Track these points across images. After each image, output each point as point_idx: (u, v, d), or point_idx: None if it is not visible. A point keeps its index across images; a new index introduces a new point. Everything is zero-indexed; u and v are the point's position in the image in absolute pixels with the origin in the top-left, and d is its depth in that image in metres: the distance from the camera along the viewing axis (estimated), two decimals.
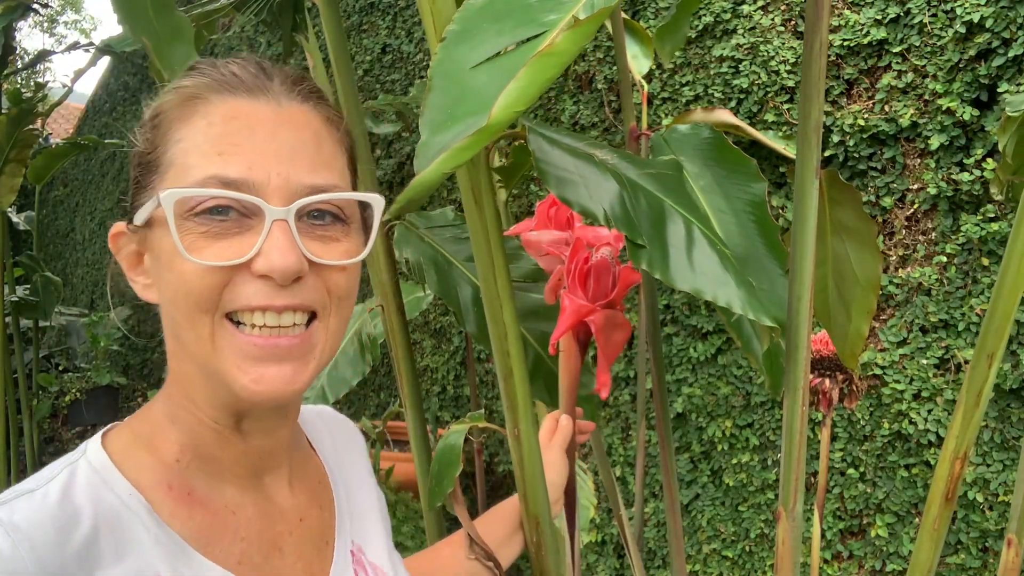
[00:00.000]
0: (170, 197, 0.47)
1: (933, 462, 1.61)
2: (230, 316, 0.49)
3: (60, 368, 4.97)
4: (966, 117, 1.51)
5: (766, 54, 1.78)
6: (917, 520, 1.67)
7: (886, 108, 1.63)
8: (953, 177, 1.55)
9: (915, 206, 1.63)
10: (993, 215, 1.51)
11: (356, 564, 0.62)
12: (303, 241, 0.50)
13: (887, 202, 1.64)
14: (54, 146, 3.00)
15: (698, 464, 1.99)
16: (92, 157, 5.73)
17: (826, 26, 0.55)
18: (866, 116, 1.65)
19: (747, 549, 1.92)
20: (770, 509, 1.87)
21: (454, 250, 0.87)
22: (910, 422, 1.63)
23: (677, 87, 1.94)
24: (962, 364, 1.58)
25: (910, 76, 1.59)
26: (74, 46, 2.78)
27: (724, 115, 1.55)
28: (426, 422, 0.98)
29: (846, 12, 1.67)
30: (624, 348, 2.13)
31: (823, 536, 1.76)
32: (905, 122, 1.59)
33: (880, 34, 1.61)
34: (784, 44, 1.77)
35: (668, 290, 2.01)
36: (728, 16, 1.84)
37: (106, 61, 5.32)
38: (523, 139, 0.64)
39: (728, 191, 0.70)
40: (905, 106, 1.60)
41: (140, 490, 0.50)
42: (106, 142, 2.89)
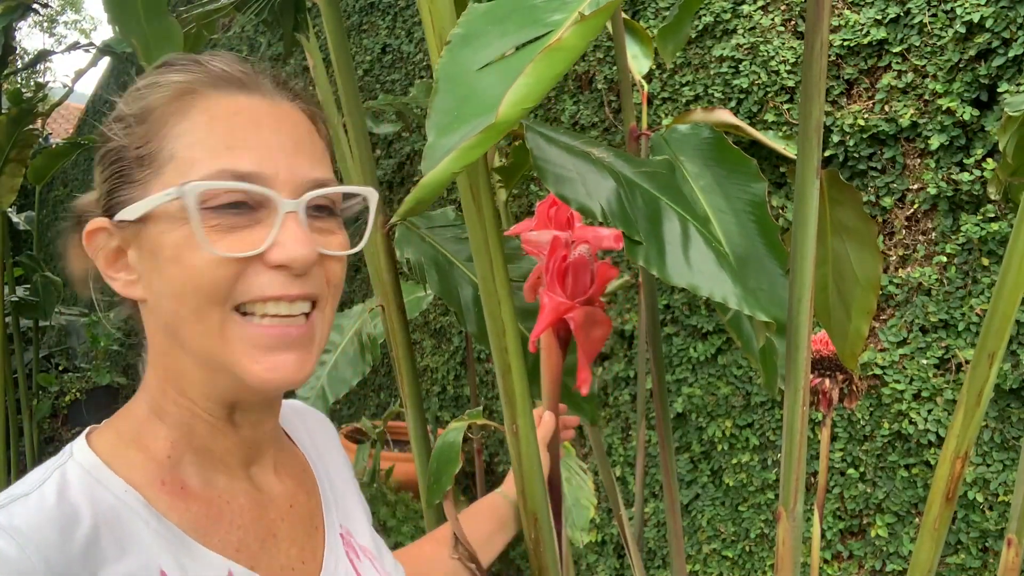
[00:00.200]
0: (194, 190, 0.48)
1: (933, 462, 1.62)
2: (237, 308, 0.50)
3: (60, 368, 4.97)
4: (966, 117, 1.51)
5: (766, 54, 1.78)
6: (917, 520, 1.67)
7: (886, 108, 1.63)
8: (953, 177, 1.55)
9: (915, 206, 1.63)
10: (993, 215, 1.51)
11: (347, 547, 0.63)
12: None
13: (887, 202, 1.64)
14: (54, 146, 3.00)
15: (698, 464, 1.99)
16: (92, 157, 5.72)
17: (827, 26, 0.55)
18: (866, 116, 1.65)
19: (747, 549, 1.92)
20: (770, 509, 1.87)
21: (455, 250, 0.87)
22: (910, 422, 1.63)
23: (677, 87, 1.94)
24: (962, 364, 1.58)
25: (910, 76, 1.59)
26: (74, 46, 2.78)
27: (724, 115, 1.55)
28: (426, 422, 0.98)
29: (846, 12, 1.67)
30: (608, 345, 2.13)
31: (823, 536, 1.76)
32: (905, 122, 1.59)
33: (880, 34, 1.61)
34: (784, 44, 1.77)
35: (668, 290, 2.01)
36: (728, 16, 1.84)
37: (106, 61, 5.32)
38: (522, 138, 0.65)
39: (728, 191, 0.70)
40: (905, 106, 1.60)
41: (134, 487, 0.50)
42: None
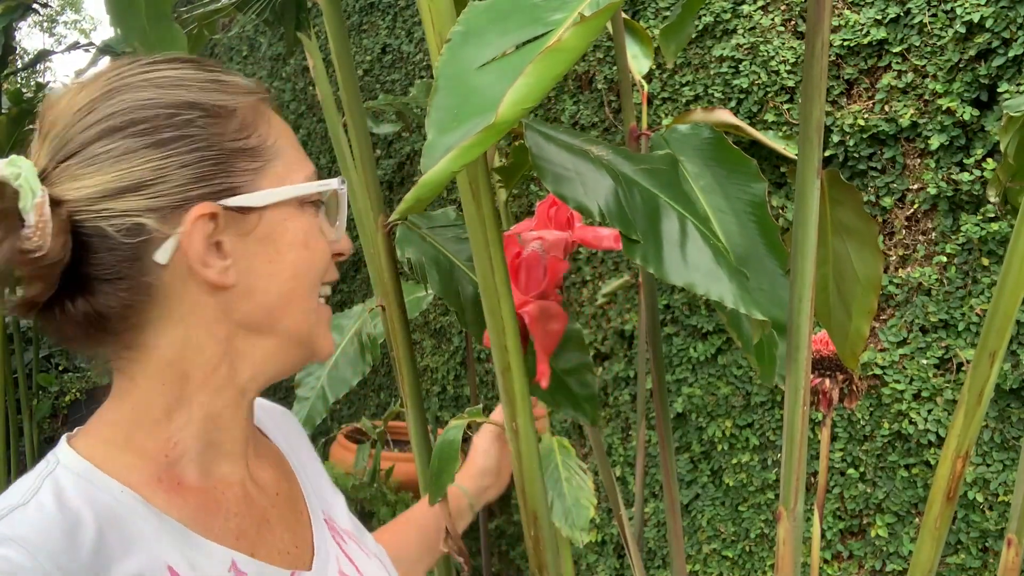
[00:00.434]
0: (339, 184, 0.58)
1: (933, 462, 1.62)
2: None
3: (60, 368, 4.96)
4: (966, 117, 1.51)
5: (766, 54, 1.78)
6: (917, 520, 1.67)
7: (886, 108, 1.63)
8: (953, 177, 1.55)
9: (915, 206, 1.63)
10: (993, 215, 1.51)
11: (331, 531, 0.64)
12: None
13: (887, 202, 1.65)
14: None
15: (698, 464, 1.99)
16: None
17: (827, 26, 0.55)
18: (866, 116, 1.65)
19: (747, 549, 1.92)
20: (770, 509, 1.87)
21: (456, 250, 0.87)
22: (910, 422, 1.63)
23: (677, 87, 1.94)
24: (963, 364, 1.58)
25: (910, 76, 1.59)
26: (74, 46, 2.78)
27: (724, 115, 1.55)
28: (427, 422, 0.98)
29: (846, 12, 1.67)
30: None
31: (823, 536, 1.76)
32: (905, 122, 1.59)
33: (880, 34, 1.61)
34: (784, 44, 1.77)
35: (668, 290, 2.01)
36: (728, 16, 1.84)
37: (106, 61, 5.32)
38: (522, 137, 0.65)
39: (728, 191, 0.70)
40: (905, 106, 1.60)
41: (130, 487, 0.50)
42: None
